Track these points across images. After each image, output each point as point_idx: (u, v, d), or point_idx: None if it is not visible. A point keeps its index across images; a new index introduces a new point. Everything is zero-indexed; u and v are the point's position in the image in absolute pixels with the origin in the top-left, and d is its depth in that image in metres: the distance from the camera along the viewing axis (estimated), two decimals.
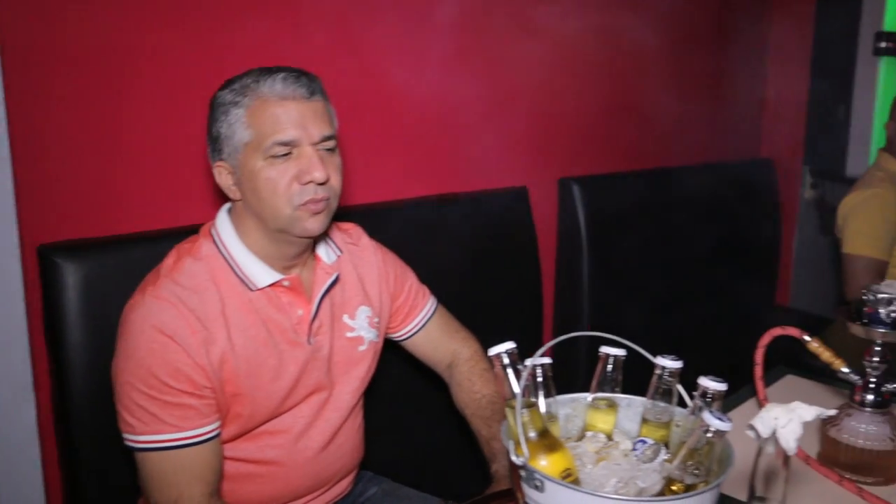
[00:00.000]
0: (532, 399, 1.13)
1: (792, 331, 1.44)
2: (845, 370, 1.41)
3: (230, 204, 1.46)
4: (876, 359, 1.42)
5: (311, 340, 1.47)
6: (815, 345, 1.42)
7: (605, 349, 1.23)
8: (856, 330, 1.43)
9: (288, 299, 1.44)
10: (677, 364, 1.18)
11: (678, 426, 1.20)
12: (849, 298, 2.54)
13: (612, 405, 1.25)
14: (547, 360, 1.19)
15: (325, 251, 1.53)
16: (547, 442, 1.10)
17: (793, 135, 3.64)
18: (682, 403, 1.21)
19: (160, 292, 1.33)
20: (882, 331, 1.40)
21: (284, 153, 1.34)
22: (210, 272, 1.39)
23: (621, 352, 1.23)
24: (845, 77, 3.46)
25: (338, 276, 1.53)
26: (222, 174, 1.40)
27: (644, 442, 1.19)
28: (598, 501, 0.99)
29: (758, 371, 1.52)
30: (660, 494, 1.07)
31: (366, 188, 2.12)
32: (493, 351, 1.13)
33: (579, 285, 2.67)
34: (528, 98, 2.57)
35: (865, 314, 1.44)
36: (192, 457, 1.32)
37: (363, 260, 1.62)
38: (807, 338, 1.43)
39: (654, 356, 1.20)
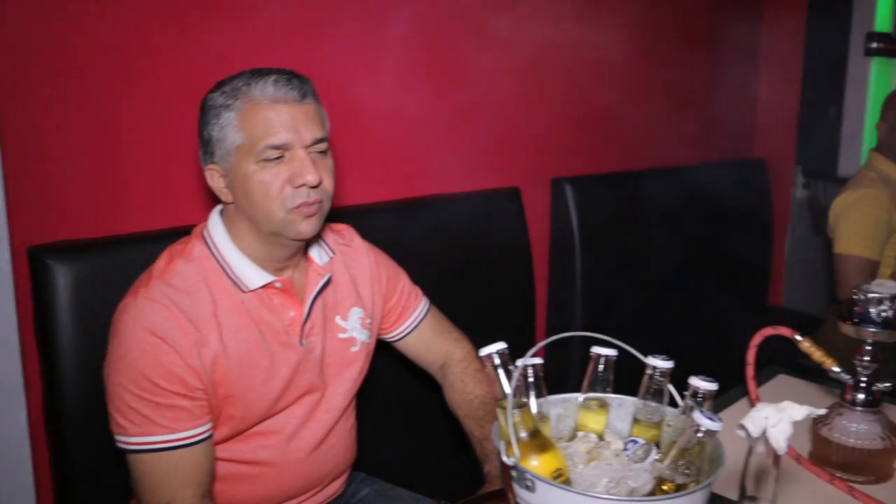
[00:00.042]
0: (523, 399, 1.13)
1: (783, 330, 1.45)
2: (836, 369, 1.41)
3: (222, 205, 1.46)
4: (867, 358, 1.42)
5: (304, 342, 1.47)
6: (807, 344, 1.43)
7: (596, 349, 1.24)
8: (846, 329, 1.43)
9: (280, 301, 1.44)
10: (668, 364, 1.19)
11: (669, 426, 1.20)
12: (840, 298, 2.55)
13: (604, 405, 1.25)
14: (538, 361, 1.19)
15: (318, 252, 1.53)
16: (538, 442, 1.10)
17: (785, 135, 3.65)
18: (674, 403, 1.21)
19: (152, 294, 1.33)
20: (872, 330, 1.41)
21: (277, 156, 1.33)
22: (202, 274, 1.38)
23: (612, 352, 1.23)
24: (837, 77, 3.48)
25: (330, 278, 1.53)
26: (214, 177, 1.40)
27: (635, 442, 1.19)
28: (589, 501, 0.99)
29: (749, 371, 1.53)
30: (651, 494, 1.08)
31: (358, 189, 2.11)
32: (484, 351, 1.13)
33: (572, 285, 2.67)
34: (521, 98, 2.57)
35: (856, 314, 1.45)
36: (184, 458, 1.32)
37: (355, 261, 1.61)
38: (798, 337, 1.44)
39: (646, 356, 1.21)
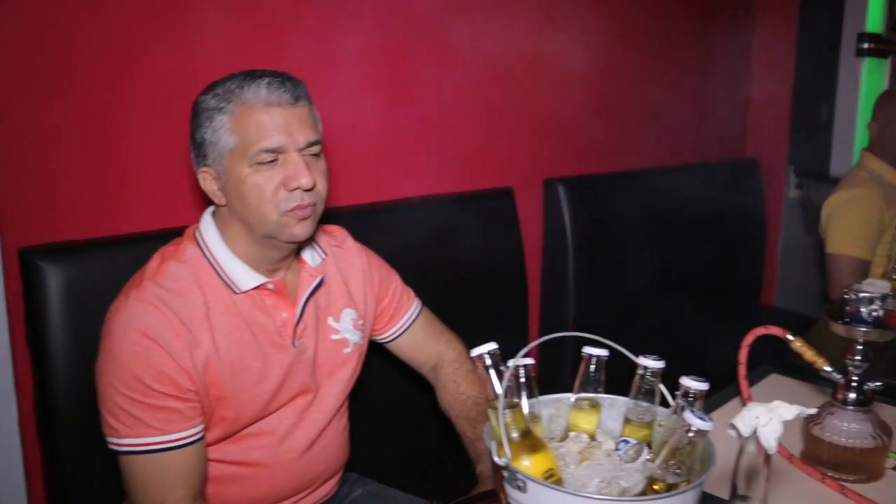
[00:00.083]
0: (515, 399, 1.13)
1: (775, 330, 1.45)
2: (828, 369, 1.41)
3: (214, 207, 1.45)
4: (858, 357, 1.43)
5: (296, 343, 1.46)
6: (798, 344, 1.43)
7: (588, 349, 1.24)
8: (838, 329, 1.44)
9: (272, 302, 1.44)
10: (659, 364, 1.19)
11: (661, 426, 1.20)
12: (833, 297, 2.56)
13: (595, 405, 1.25)
14: (530, 361, 1.19)
15: (310, 254, 1.52)
16: (529, 442, 1.10)
17: (777, 135, 3.66)
18: (665, 403, 1.21)
19: (144, 295, 1.32)
20: (863, 329, 1.41)
21: (270, 160, 1.33)
22: (194, 275, 1.38)
23: (603, 352, 1.23)
24: (829, 78, 3.49)
25: (322, 279, 1.53)
26: (207, 180, 1.39)
27: (627, 442, 1.19)
28: (581, 501, 1.00)
29: (741, 370, 1.53)
30: (642, 494, 1.08)
31: (350, 190, 2.11)
32: (476, 352, 1.13)
33: (565, 285, 2.67)
34: (514, 98, 2.57)
35: (847, 313, 1.46)
36: (176, 460, 1.32)
37: (348, 262, 1.61)
38: (790, 337, 1.44)
39: (637, 356, 1.21)
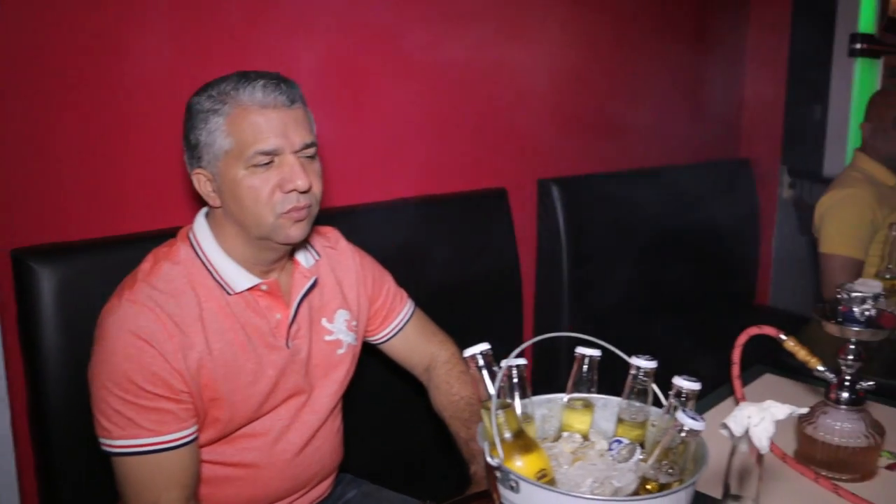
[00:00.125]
0: (507, 400, 1.13)
1: (768, 330, 1.45)
2: (821, 368, 1.42)
3: (207, 208, 1.45)
4: (850, 357, 1.43)
5: (290, 344, 1.46)
6: (791, 343, 1.43)
7: (581, 350, 1.24)
8: (830, 328, 1.44)
9: (266, 303, 1.44)
10: (652, 364, 1.19)
11: (654, 426, 1.20)
12: (826, 297, 2.56)
13: (588, 405, 1.25)
14: (522, 361, 1.19)
15: (304, 255, 1.52)
16: (522, 443, 1.10)
17: (770, 135, 3.67)
18: (658, 403, 1.21)
19: (137, 296, 1.32)
20: (856, 329, 1.41)
21: (266, 162, 1.33)
22: (188, 276, 1.38)
23: (596, 352, 1.23)
24: (821, 78, 3.50)
25: (316, 280, 1.53)
26: (201, 181, 1.39)
27: (620, 442, 1.19)
28: (573, 501, 0.99)
29: (735, 370, 1.53)
30: (635, 494, 1.08)
31: (344, 190, 2.11)
32: (468, 352, 1.13)
33: (559, 286, 2.67)
34: (508, 99, 2.57)
35: (840, 313, 1.46)
36: (170, 461, 1.32)
37: (341, 264, 1.61)
38: (783, 336, 1.44)
39: (630, 356, 1.21)
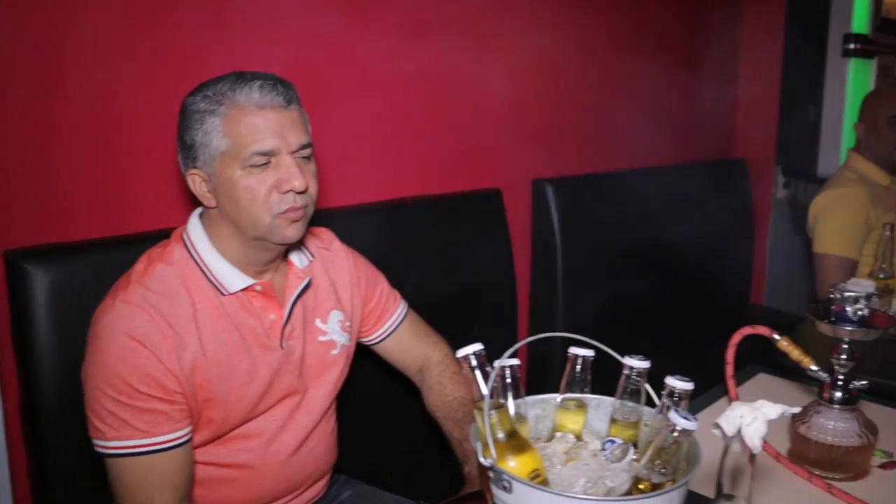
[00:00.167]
0: (500, 400, 1.13)
1: (762, 329, 1.46)
2: (814, 368, 1.42)
3: (201, 208, 1.45)
4: (843, 356, 1.44)
5: (284, 344, 1.46)
6: (785, 343, 1.44)
7: (574, 350, 1.24)
8: (823, 328, 1.45)
9: (260, 304, 1.44)
10: (645, 364, 1.19)
11: (647, 426, 1.20)
12: (820, 297, 2.57)
13: (581, 405, 1.25)
14: (515, 362, 1.19)
15: (298, 256, 1.52)
16: (515, 443, 1.10)
17: (765, 135, 3.68)
18: (651, 403, 1.21)
19: (131, 297, 1.32)
20: (849, 329, 1.42)
21: (263, 163, 1.33)
22: (182, 277, 1.38)
23: (589, 352, 1.23)
24: (815, 78, 3.50)
25: (310, 281, 1.53)
26: (196, 182, 1.39)
27: (613, 442, 1.19)
28: (566, 501, 1.00)
29: (728, 370, 1.54)
30: (628, 494, 1.08)
31: (339, 191, 2.11)
32: (461, 353, 1.13)
33: (554, 286, 2.67)
34: (502, 100, 2.57)
35: (833, 312, 1.47)
36: (163, 462, 1.32)
37: (335, 264, 1.61)
38: (776, 336, 1.45)
39: (623, 356, 1.21)
